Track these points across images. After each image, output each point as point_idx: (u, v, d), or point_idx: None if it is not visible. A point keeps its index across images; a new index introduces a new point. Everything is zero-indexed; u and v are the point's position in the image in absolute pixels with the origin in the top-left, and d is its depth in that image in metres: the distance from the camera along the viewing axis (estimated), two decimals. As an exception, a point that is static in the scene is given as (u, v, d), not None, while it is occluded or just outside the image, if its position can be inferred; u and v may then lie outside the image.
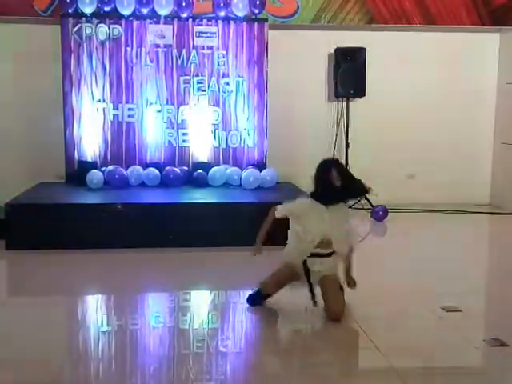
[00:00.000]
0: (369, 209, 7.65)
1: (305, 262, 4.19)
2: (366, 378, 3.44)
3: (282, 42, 7.67)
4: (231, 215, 6.03)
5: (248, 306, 4.34)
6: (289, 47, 7.82)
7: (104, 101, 7.22)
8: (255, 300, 4.33)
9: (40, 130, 7.58)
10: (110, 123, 7.26)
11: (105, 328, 4.15)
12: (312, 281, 4.18)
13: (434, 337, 3.91)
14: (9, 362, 3.49)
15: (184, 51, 7.25)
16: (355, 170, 7.80)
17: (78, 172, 7.11)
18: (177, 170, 7.15)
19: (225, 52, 7.31)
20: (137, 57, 7.21)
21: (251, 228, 5.63)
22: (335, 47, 7.88)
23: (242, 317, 4.39)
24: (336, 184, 4.09)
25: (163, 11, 7.16)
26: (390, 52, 8.05)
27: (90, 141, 7.24)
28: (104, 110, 7.23)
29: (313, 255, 4.16)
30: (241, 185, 7.04)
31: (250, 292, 4.39)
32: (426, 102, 8.26)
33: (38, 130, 7.60)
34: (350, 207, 7.84)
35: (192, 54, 7.26)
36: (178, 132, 7.35)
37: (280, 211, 4.26)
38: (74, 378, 3.40)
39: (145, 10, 7.16)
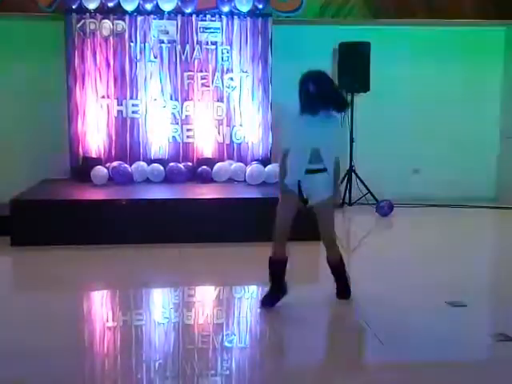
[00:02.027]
0: (374, 204, 7.64)
1: (299, 183, 4.13)
2: (372, 373, 3.43)
3: (286, 37, 7.64)
4: (236, 211, 6.01)
5: (263, 307, 4.22)
6: (293, 42, 7.79)
7: (108, 97, 7.23)
8: (269, 297, 4.25)
9: (44, 127, 7.58)
10: (114, 119, 7.27)
11: (110, 323, 4.16)
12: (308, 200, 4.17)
13: (440, 331, 3.90)
14: (13, 357, 3.49)
15: (188, 47, 7.24)
16: (360, 164, 7.90)
17: (82, 168, 7.12)
18: (181, 165, 7.15)
19: (229, 47, 7.30)
20: (141, 52, 7.21)
21: (256, 223, 5.65)
22: (339, 42, 7.85)
23: (246, 312, 4.39)
24: (313, 92, 4.13)
25: (167, 7, 7.14)
26: (395, 46, 8.01)
27: (94, 137, 7.25)
28: (108, 105, 7.23)
29: (307, 172, 4.10)
30: (245, 180, 7.03)
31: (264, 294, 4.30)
32: (430, 96, 8.23)
33: (41, 127, 7.59)
34: (354, 203, 7.86)
35: (196, 50, 7.25)
36: (182, 128, 7.35)
37: (285, 142, 4.28)
38: (79, 373, 3.40)
39: (148, 6, 7.16)
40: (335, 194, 4.26)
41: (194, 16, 7.23)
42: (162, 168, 7.12)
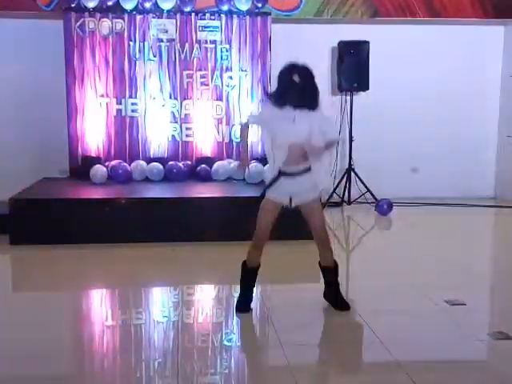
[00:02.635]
0: (373, 203, 7.64)
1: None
2: (370, 371, 3.43)
3: (285, 36, 7.64)
4: (235, 209, 6.01)
5: (240, 313, 4.15)
6: (292, 41, 7.78)
7: (107, 95, 7.22)
8: (244, 301, 4.19)
9: (43, 126, 7.58)
10: (113, 118, 7.26)
11: (109, 322, 4.16)
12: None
13: (438, 330, 3.90)
14: (13, 356, 3.49)
15: (187, 45, 7.24)
16: (359, 163, 7.90)
17: (81, 167, 7.11)
18: (180, 164, 7.15)
19: (228, 46, 7.29)
20: (140, 51, 7.20)
21: (255, 223, 5.63)
22: (338, 41, 7.85)
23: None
24: (297, 85, 3.89)
25: (166, 5, 7.14)
26: (394, 45, 8.01)
27: (94, 136, 7.25)
28: (107, 104, 7.23)
29: (285, 174, 3.93)
30: (244, 179, 7.03)
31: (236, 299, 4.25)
32: (429, 95, 8.23)
33: (40, 126, 7.59)
34: (353, 201, 7.87)
35: (195, 49, 7.25)
36: (181, 126, 7.35)
37: (252, 121, 4.21)
38: (79, 372, 3.40)
39: (148, 5, 7.15)
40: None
41: (193, 15, 7.22)
42: (161, 167, 7.11)
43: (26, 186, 6.55)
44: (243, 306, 4.19)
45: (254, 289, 4.26)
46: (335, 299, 4.23)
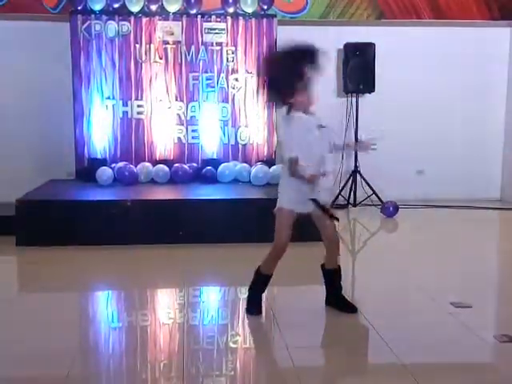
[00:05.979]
0: (379, 205, 7.63)
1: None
2: (375, 374, 3.43)
3: (291, 38, 7.61)
4: (240, 212, 6.02)
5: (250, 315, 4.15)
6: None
7: (113, 98, 7.25)
8: (256, 304, 4.17)
9: (50, 128, 7.61)
10: (119, 120, 7.28)
11: (115, 324, 4.17)
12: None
13: (444, 333, 3.89)
14: (19, 358, 3.50)
15: (193, 48, 7.26)
16: (364, 165, 7.89)
17: (87, 169, 7.14)
18: (186, 166, 7.17)
19: (234, 48, 7.31)
20: (146, 53, 7.22)
21: (260, 224, 5.65)
22: (344, 43, 7.85)
23: (251, 313, 4.38)
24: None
25: (172, 8, 7.16)
26: (399, 47, 8.01)
27: (100, 138, 7.27)
28: (113, 106, 7.25)
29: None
30: (250, 181, 7.04)
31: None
32: (435, 98, 8.22)
33: (47, 128, 7.63)
34: (359, 204, 7.86)
35: (201, 51, 7.27)
36: (187, 128, 7.37)
37: (296, 151, 3.80)
38: (84, 374, 3.41)
39: (154, 7, 7.17)
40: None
41: (199, 17, 7.25)
42: (167, 169, 7.13)
43: (33, 188, 6.57)
44: (255, 308, 4.15)
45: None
46: (342, 303, 4.21)
